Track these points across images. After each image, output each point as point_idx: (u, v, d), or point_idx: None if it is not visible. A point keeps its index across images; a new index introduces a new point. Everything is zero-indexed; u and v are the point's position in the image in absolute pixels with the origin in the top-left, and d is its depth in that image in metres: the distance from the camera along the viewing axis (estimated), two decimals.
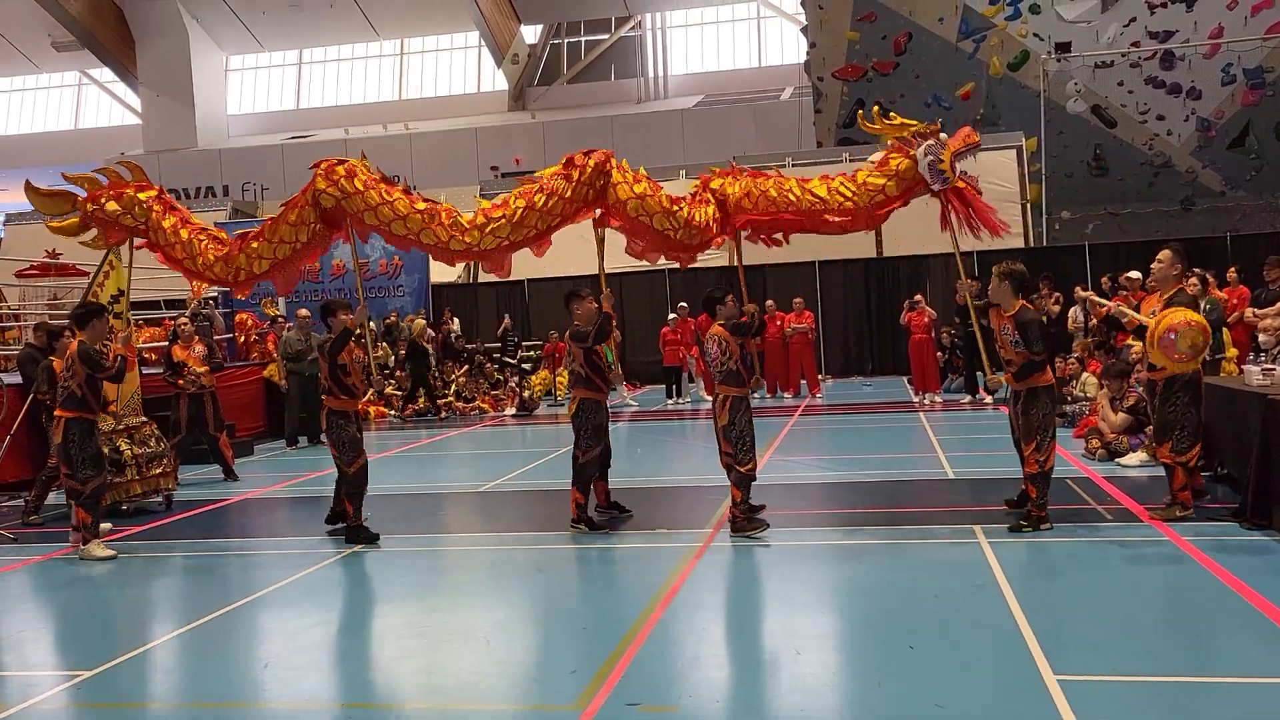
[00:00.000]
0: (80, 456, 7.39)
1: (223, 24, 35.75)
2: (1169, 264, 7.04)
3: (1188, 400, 6.79)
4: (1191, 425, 6.79)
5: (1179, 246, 7.17)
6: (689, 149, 28.46)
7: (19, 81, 41.09)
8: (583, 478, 7.55)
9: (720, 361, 7.16)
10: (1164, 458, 6.97)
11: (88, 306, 7.99)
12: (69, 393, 7.40)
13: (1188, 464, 6.86)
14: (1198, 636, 4.76)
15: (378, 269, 20.78)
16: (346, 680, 4.77)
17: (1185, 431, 6.79)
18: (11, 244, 24.84)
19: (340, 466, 7.53)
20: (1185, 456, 6.82)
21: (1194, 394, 6.81)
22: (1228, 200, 23.01)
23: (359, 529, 7.45)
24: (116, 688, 4.73)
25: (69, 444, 7.38)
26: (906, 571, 6.10)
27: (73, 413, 7.41)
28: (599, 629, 5.23)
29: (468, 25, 33.59)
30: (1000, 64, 24.16)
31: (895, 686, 4.24)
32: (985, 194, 7.85)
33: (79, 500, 7.44)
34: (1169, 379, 6.87)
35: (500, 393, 18.18)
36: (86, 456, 7.42)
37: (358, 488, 7.51)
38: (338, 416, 7.52)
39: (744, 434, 7.07)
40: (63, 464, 7.46)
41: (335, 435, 7.50)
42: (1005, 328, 6.87)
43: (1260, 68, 22.49)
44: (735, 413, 7.09)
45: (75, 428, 7.40)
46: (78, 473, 7.38)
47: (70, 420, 7.40)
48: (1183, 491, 6.87)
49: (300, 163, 34.60)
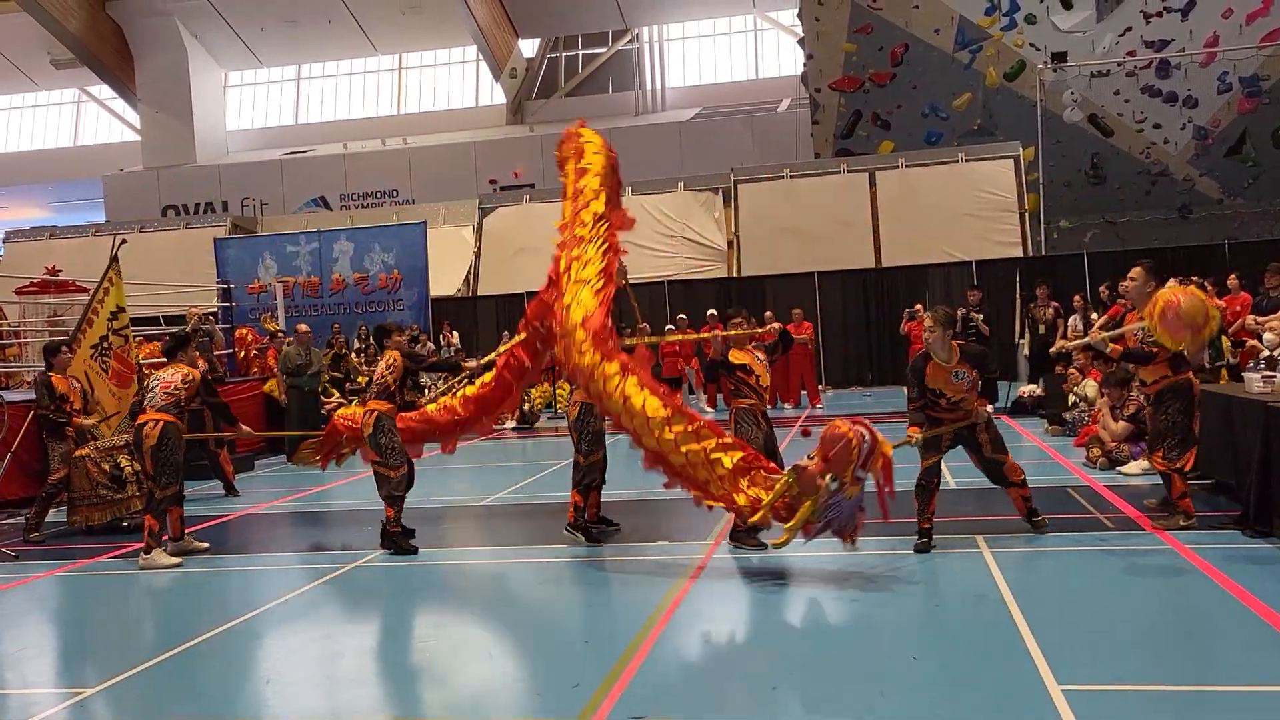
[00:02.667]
0: (172, 461, 7.59)
1: (221, 40, 35.84)
2: (1143, 282, 7.10)
3: (1179, 408, 6.86)
4: (1183, 433, 6.85)
5: (1149, 263, 7.25)
6: (687, 161, 28.48)
7: (18, 99, 41.15)
8: (585, 481, 7.55)
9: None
10: (1158, 465, 7.02)
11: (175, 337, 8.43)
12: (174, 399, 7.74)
13: (1182, 470, 6.88)
14: (1201, 645, 4.75)
15: (377, 283, 20.79)
16: (348, 696, 4.76)
17: (1177, 439, 6.84)
18: (11, 261, 24.85)
19: (382, 471, 7.55)
20: (1178, 463, 6.85)
21: (1185, 402, 6.88)
22: (1225, 208, 23.04)
23: (397, 535, 7.47)
24: (118, 705, 4.72)
25: (170, 449, 7.60)
26: (908, 581, 6.09)
27: (172, 417, 7.66)
28: (601, 642, 5.22)
29: (465, 40, 33.68)
30: (997, 74, 24.23)
31: (898, 697, 4.22)
32: (983, 204, 7.89)
33: (153, 505, 7.56)
34: (1162, 390, 6.95)
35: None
36: (176, 462, 7.62)
37: (402, 491, 7.56)
38: (389, 421, 7.58)
39: (750, 441, 7.04)
40: (150, 466, 7.60)
41: (386, 440, 7.52)
42: (958, 373, 6.77)
43: (1256, 76, 22.55)
44: (739, 423, 7.25)
45: (173, 432, 7.63)
46: (160, 477, 7.54)
47: (170, 425, 7.63)
48: (1183, 499, 6.87)
49: (299, 178, 34.73)
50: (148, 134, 35.56)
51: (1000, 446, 6.96)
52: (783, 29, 34.46)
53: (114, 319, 10.69)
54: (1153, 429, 7.11)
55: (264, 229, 25.42)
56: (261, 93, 39.11)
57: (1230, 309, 11.62)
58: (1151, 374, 7.08)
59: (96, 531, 8.90)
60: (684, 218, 22.53)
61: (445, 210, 25.02)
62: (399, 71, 38.21)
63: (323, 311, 20.01)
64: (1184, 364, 7.05)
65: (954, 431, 6.94)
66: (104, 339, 10.46)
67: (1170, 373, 6.96)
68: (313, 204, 32.34)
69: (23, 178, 38.71)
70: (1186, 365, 7.08)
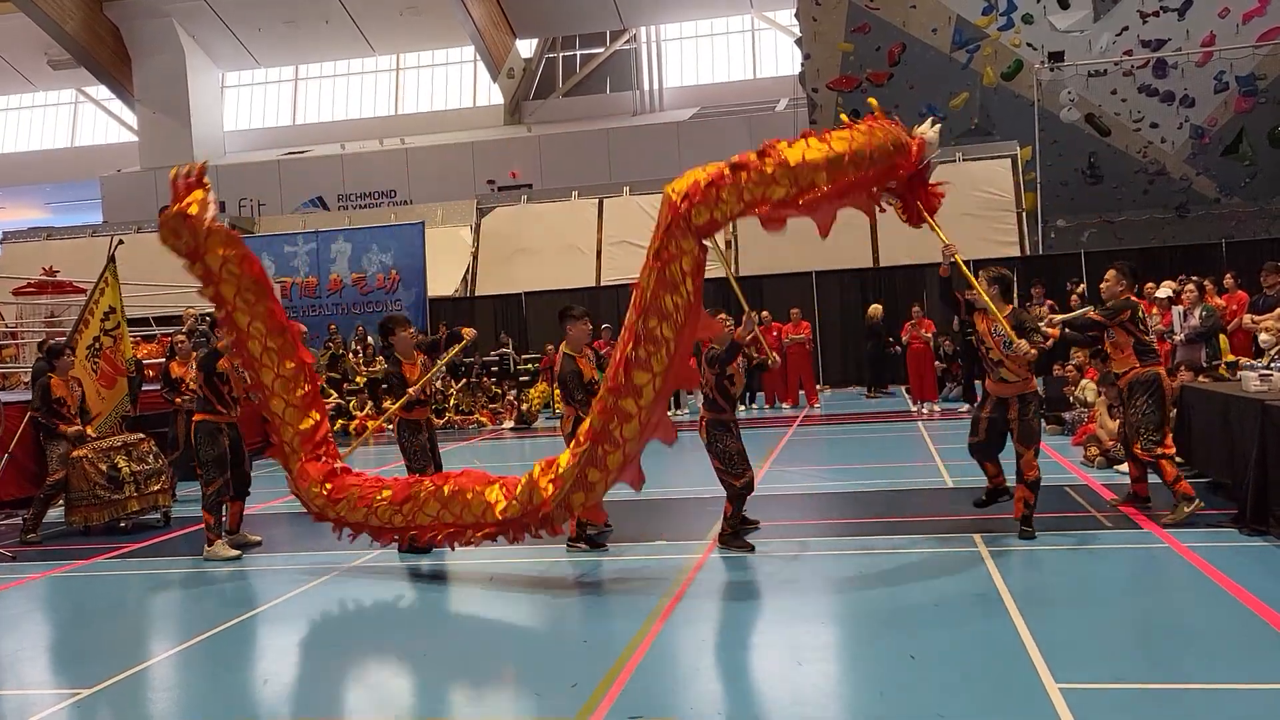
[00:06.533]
0: (206, 458, 7.72)
1: (219, 41, 35.84)
2: (1114, 281, 7.38)
3: (1148, 398, 7.07)
4: (1156, 421, 7.05)
5: (1123, 265, 7.49)
6: (685, 161, 28.38)
7: (15, 100, 41.14)
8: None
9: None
10: (1142, 457, 7.17)
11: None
12: (194, 396, 7.92)
13: (1168, 455, 7.01)
14: (1198, 643, 4.76)
15: (374, 283, 20.80)
16: (346, 697, 4.76)
17: (1152, 427, 7.04)
18: (8, 262, 24.82)
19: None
20: (1160, 449, 6.99)
21: (1154, 392, 7.08)
22: (1222, 207, 23.07)
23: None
24: (116, 706, 4.71)
25: (198, 446, 7.75)
26: (906, 581, 6.09)
27: (201, 415, 7.81)
28: (599, 642, 5.22)
29: (463, 40, 33.68)
30: (994, 74, 24.25)
31: (896, 696, 4.23)
32: (981, 203, 7.92)
33: (204, 501, 7.73)
34: (1130, 382, 7.19)
35: (498, 406, 18.17)
36: (210, 458, 7.74)
37: None
38: (408, 428, 7.59)
39: (728, 450, 6.98)
40: (196, 465, 7.84)
41: (408, 444, 7.56)
42: (997, 329, 6.80)
43: (1252, 75, 22.56)
44: (712, 436, 7.03)
45: (201, 429, 7.77)
46: (205, 474, 7.72)
47: (199, 423, 7.79)
48: (1179, 483, 6.91)
49: (296, 178, 34.73)
50: (145, 135, 35.55)
51: (1027, 439, 6.79)
52: (780, 29, 34.47)
53: (106, 319, 10.67)
54: (1128, 423, 7.32)
55: (261, 229, 25.43)
56: (259, 93, 39.10)
57: (1228, 308, 11.64)
58: (1120, 365, 7.31)
59: (94, 532, 8.90)
60: None
61: (443, 210, 25.03)
62: (396, 72, 38.21)
63: (320, 312, 20.02)
64: (1150, 355, 7.22)
65: (989, 421, 7.03)
66: (96, 339, 10.45)
67: (1138, 364, 7.15)
68: (310, 204, 32.35)
69: (20, 178, 38.69)
70: (1153, 358, 7.23)
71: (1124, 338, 7.20)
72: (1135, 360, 7.17)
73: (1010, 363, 6.80)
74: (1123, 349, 7.24)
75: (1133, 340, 7.18)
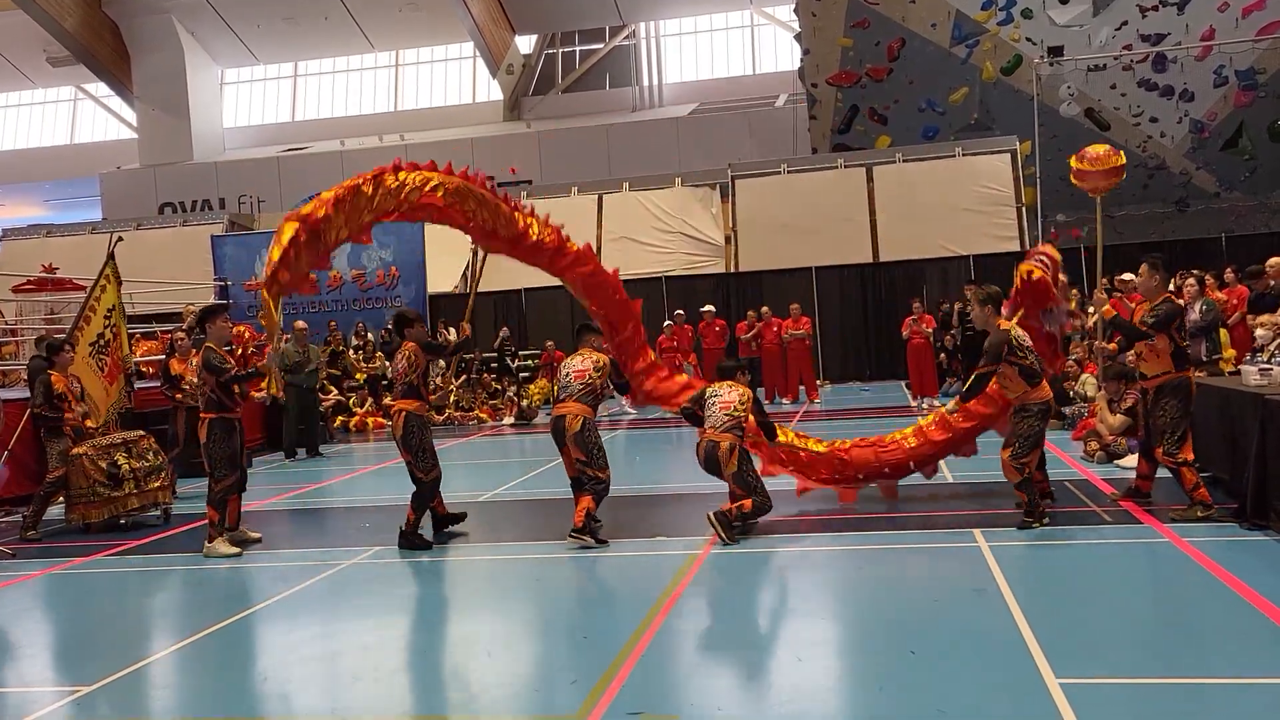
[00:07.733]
0: (218, 455, 7.71)
1: (218, 38, 35.78)
2: (1147, 277, 7.33)
3: (1177, 404, 6.95)
4: (1181, 427, 6.93)
5: (1155, 259, 7.41)
6: (684, 157, 28.44)
7: (14, 97, 41.08)
8: (601, 491, 7.43)
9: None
10: (1165, 462, 7.03)
11: (207, 307, 8.36)
12: (205, 396, 7.80)
13: (1190, 462, 6.91)
14: (1199, 637, 4.76)
15: (375, 279, 20.78)
16: (346, 694, 4.76)
17: (1177, 434, 6.92)
18: (8, 259, 24.80)
19: (416, 475, 7.56)
20: (1180, 455, 6.90)
21: (1183, 399, 6.96)
22: (1222, 201, 23.06)
23: (414, 536, 7.48)
24: (116, 703, 4.71)
25: (211, 443, 7.72)
26: (907, 576, 6.09)
27: (213, 414, 7.76)
28: (599, 638, 5.22)
29: (462, 36, 33.62)
30: (993, 68, 24.22)
31: (896, 692, 4.23)
32: (980, 198, 8.00)
33: (211, 498, 7.72)
34: (1159, 386, 7.03)
35: (498, 402, 18.17)
36: (223, 456, 7.73)
37: (431, 495, 7.62)
38: (418, 422, 7.58)
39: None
40: (205, 462, 7.80)
41: (416, 442, 7.54)
42: None
43: (1252, 69, 22.55)
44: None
45: (216, 427, 7.74)
46: (216, 471, 7.70)
47: (212, 421, 7.74)
48: (1197, 490, 6.87)
49: (296, 175, 34.68)
50: (144, 131, 35.51)
51: (1009, 441, 6.99)
52: (779, 24, 34.42)
53: (109, 316, 10.66)
54: (1152, 426, 7.17)
55: (261, 226, 25.40)
56: (258, 90, 39.05)
57: (1229, 302, 11.64)
58: (1153, 368, 7.13)
59: (94, 529, 8.89)
60: (682, 214, 22.52)
61: None
62: (396, 68, 38.16)
63: (320, 308, 19.99)
64: (1186, 361, 7.10)
65: None
66: (100, 336, 10.44)
67: (1172, 369, 7.01)
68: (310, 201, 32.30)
69: (20, 176, 38.62)
70: (1188, 363, 7.13)
71: (1165, 344, 7.04)
72: (1171, 364, 7.01)
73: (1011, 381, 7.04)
74: (1160, 354, 7.06)
75: (1173, 347, 7.04)
